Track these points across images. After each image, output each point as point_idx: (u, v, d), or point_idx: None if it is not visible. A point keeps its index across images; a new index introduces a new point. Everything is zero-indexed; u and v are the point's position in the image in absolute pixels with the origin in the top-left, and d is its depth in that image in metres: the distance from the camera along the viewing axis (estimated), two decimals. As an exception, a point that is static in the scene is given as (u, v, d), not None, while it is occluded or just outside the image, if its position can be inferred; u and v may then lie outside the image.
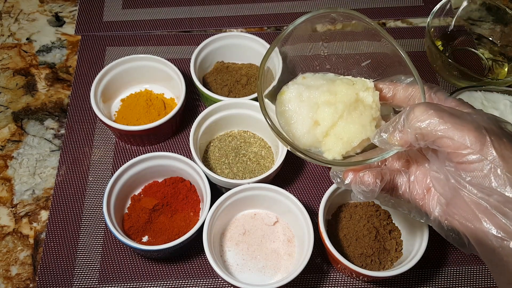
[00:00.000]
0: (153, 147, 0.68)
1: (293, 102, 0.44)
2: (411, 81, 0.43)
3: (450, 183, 0.36)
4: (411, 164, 0.42)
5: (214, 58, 0.73)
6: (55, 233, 0.60)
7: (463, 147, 0.34)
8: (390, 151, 0.39)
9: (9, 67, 0.76)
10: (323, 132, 0.43)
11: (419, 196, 0.41)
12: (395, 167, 0.43)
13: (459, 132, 0.34)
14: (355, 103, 0.43)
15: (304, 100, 0.43)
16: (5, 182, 0.65)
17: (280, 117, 0.44)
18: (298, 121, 0.43)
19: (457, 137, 0.34)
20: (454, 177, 0.36)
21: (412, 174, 0.42)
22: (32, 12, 0.83)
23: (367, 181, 0.39)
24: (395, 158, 0.43)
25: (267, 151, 0.66)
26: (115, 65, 0.67)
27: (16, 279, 0.57)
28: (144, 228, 0.58)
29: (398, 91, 0.43)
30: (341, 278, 0.59)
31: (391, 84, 0.44)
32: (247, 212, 0.61)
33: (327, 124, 0.42)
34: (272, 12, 0.84)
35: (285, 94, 0.45)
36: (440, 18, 0.77)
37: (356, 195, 0.41)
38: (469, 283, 0.59)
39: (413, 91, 0.42)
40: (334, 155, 0.42)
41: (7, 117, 0.70)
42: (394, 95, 0.44)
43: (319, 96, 0.43)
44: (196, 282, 0.58)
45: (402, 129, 0.37)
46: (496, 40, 0.79)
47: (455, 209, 0.36)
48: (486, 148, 0.33)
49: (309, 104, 0.43)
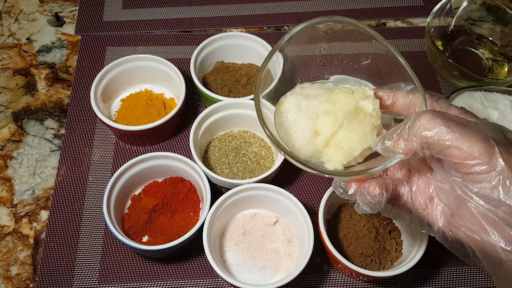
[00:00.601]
0: (153, 147, 0.68)
1: (292, 113, 0.43)
2: (411, 88, 0.42)
3: (456, 193, 0.35)
4: (413, 174, 0.42)
5: (214, 58, 0.73)
6: (55, 233, 0.60)
7: (471, 157, 0.33)
8: (393, 159, 0.39)
9: (9, 67, 0.76)
10: (323, 142, 0.42)
11: (421, 206, 0.40)
12: (396, 177, 0.42)
13: (466, 142, 0.33)
14: (355, 111, 0.42)
15: (303, 110, 0.43)
16: (5, 182, 0.65)
17: (279, 128, 0.44)
18: (297, 132, 0.42)
19: (465, 147, 0.33)
20: (460, 188, 0.35)
21: (414, 184, 0.41)
22: (32, 12, 0.83)
23: (373, 192, 0.39)
24: (396, 168, 0.42)
25: (267, 151, 0.66)
26: (115, 65, 0.67)
27: (16, 279, 0.57)
28: (144, 228, 0.58)
29: (398, 98, 0.42)
30: (341, 278, 0.59)
31: (391, 91, 0.43)
32: (247, 212, 0.61)
33: (327, 133, 0.42)
34: (272, 12, 0.84)
35: (283, 104, 0.44)
36: (440, 18, 0.77)
37: (362, 206, 0.40)
38: (469, 283, 0.59)
39: (414, 98, 0.41)
40: (336, 165, 0.42)
41: (7, 117, 0.70)
42: (394, 103, 0.43)
43: (318, 105, 0.42)
44: (196, 282, 0.58)
45: (407, 137, 0.36)
46: (496, 40, 0.79)
47: (461, 221, 0.36)
48: (494, 159, 0.33)
49: (308, 114, 0.42)
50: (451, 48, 0.80)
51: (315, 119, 0.42)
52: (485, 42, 0.80)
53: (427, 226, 0.40)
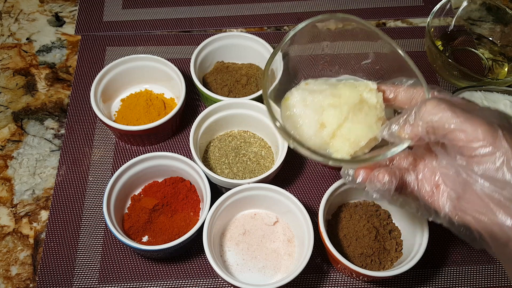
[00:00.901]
0: (153, 147, 0.68)
1: (298, 107, 0.44)
2: (412, 82, 0.43)
3: (461, 177, 0.36)
4: (419, 162, 0.43)
5: (214, 58, 0.73)
6: (55, 233, 0.60)
7: (476, 140, 0.34)
8: (400, 146, 0.40)
9: (9, 67, 0.76)
10: (329, 134, 0.43)
11: (427, 193, 0.41)
12: (402, 166, 0.43)
13: (471, 125, 0.34)
14: (359, 104, 0.43)
15: (308, 104, 0.44)
16: (5, 182, 0.65)
17: (286, 121, 0.45)
18: (304, 124, 0.43)
19: (469, 130, 0.34)
20: (465, 172, 0.36)
21: (420, 172, 0.42)
22: (32, 12, 0.83)
23: (382, 179, 0.40)
24: (402, 157, 0.43)
25: (267, 151, 0.66)
26: (115, 65, 0.67)
27: (16, 279, 0.57)
28: (144, 228, 0.58)
29: (399, 92, 0.44)
30: (341, 278, 0.59)
31: (393, 86, 0.44)
32: (247, 212, 0.61)
33: (333, 125, 0.43)
34: (272, 12, 0.84)
35: (289, 99, 0.45)
36: (440, 18, 0.77)
37: (371, 193, 0.41)
38: (469, 283, 0.59)
39: (415, 92, 0.42)
40: (343, 155, 0.43)
41: (7, 117, 0.70)
42: (396, 97, 0.44)
43: (323, 99, 0.43)
44: (196, 282, 0.58)
45: (413, 122, 0.37)
46: (496, 40, 0.79)
47: (467, 204, 0.37)
48: (498, 141, 0.33)
49: (314, 107, 0.43)
50: (451, 48, 0.80)
51: (321, 112, 0.43)
52: (485, 42, 0.80)
53: (434, 213, 0.41)
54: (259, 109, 0.63)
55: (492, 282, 0.59)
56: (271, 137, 0.65)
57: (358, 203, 0.61)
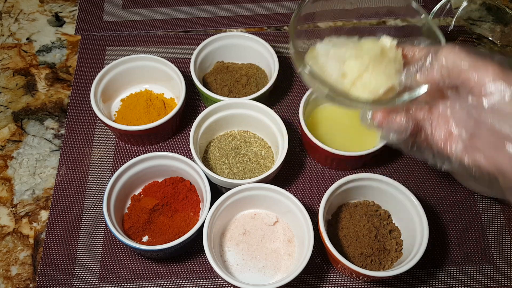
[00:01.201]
0: (153, 147, 0.68)
1: (321, 58, 0.46)
2: (429, 42, 0.46)
3: (473, 117, 0.38)
4: (433, 111, 0.44)
5: (214, 58, 0.73)
6: (55, 233, 0.60)
7: (487, 79, 0.36)
8: (417, 91, 0.42)
9: (9, 67, 0.76)
10: (350, 83, 0.45)
11: (441, 139, 0.43)
12: (418, 114, 0.45)
13: (483, 66, 0.36)
14: (380, 57, 0.45)
15: (331, 56, 0.46)
16: (5, 182, 0.65)
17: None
18: (326, 74, 0.46)
19: (481, 70, 0.36)
20: (477, 110, 0.37)
21: (434, 120, 0.44)
22: (32, 12, 0.83)
23: (400, 121, 0.43)
24: (418, 108, 0.45)
25: (267, 151, 0.66)
26: (115, 65, 0.67)
27: (16, 279, 0.57)
28: (144, 228, 0.58)
29: (416, 52, 0.46)
30: (341, 278, 0.59)
31: (411, 46, 0.47)
32: (247, 212, 0.61)
33: (354, 74, 0.45)
34: (272, 12, 0.84)
35: (312, 52, 0.47)
36: (440, 18, 0.77)
37: (387, 135, 0.44)
38: (469, 283, 0.59)
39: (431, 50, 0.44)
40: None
41: (7, 117, 0.70)
42: (414, 56, 0.46)
43: (346, 51, 0.46)
44: (196, 282, 0.58)
45: (429, 66, 0.40)
46: (496, 40, 0.79)
47: (478, 141, 0.38)
48: (507, 77, 0.35)
49: (336, 59, 0.46)
50: (451, 48, 0.80)
51: (343, 63, 0.45)
52: (485, 42, 0.80)
53: (446, 159, 0.43)
54: (259, 109, 0.63)
55: (492, 282, 0.59)
56: (271, 137, 0.65)
57: (358, 203, 0.61)
